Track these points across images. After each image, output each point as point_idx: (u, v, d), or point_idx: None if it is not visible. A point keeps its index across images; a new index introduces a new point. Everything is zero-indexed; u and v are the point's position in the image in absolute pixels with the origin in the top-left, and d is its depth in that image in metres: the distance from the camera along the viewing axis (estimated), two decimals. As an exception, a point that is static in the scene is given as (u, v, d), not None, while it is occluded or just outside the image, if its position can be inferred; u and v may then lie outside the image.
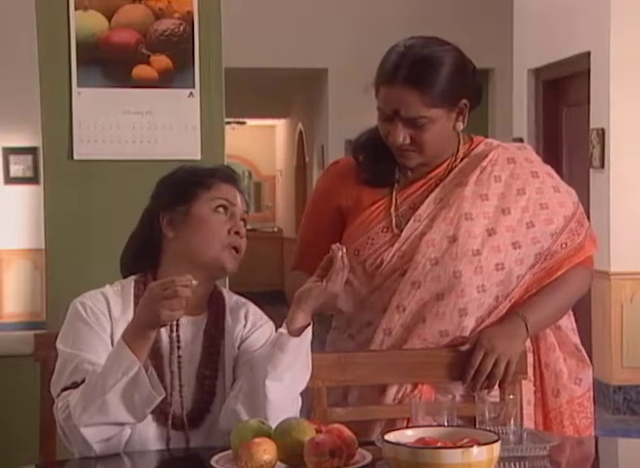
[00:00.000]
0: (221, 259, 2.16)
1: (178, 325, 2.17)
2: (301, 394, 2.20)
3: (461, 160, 2.42)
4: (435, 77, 2.28)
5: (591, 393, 2.52)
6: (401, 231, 2.37)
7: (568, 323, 2.51)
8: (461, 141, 2.43)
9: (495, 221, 2.36)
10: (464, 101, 2.35)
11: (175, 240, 2.20)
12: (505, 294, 2.37)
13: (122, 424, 2.03)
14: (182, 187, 2.22)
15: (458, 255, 2.33)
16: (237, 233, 2.19)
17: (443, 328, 2.34)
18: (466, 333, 2.35)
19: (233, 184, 2.24)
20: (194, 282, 1.98)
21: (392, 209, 2.40)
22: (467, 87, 2.36)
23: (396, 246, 2.36)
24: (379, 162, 2.42)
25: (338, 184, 2.46)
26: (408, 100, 2.28)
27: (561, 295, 2.42)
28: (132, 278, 2.23)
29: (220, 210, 2.19)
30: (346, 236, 2.41)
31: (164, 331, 2.16)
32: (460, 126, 2.38)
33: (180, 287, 1.96)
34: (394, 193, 2.41)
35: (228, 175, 2.26)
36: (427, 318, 2.34)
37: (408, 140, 2.32)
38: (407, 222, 2.37)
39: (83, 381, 2.04)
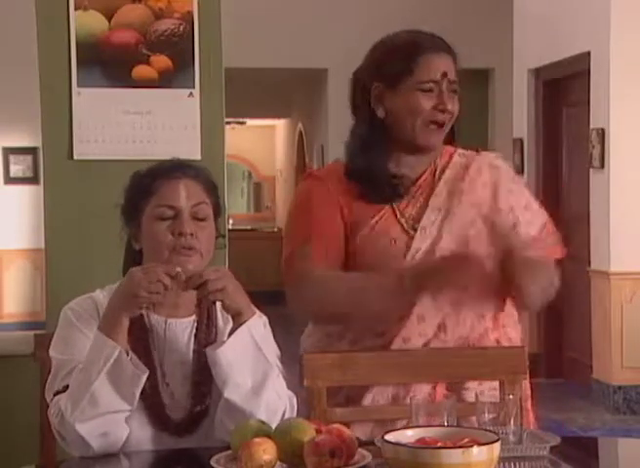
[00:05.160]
0: (172, 264, 2.10)
1: (166, 323, 2.17)
2: (298, 394, 2.20)
3: (443, 170, 2.44)
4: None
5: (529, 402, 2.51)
6: (414, 232, 2.36)
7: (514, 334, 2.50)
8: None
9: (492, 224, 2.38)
10: None
11: (143, 250, 2.21)
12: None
13: (116, 413, 2.03)
14: (130, 202, 2.22)
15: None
16: (180, 234, 2.13)
17: (464, 334, 2.37)
18: (489, 337, 2.39)
19: (178, 178, 2.18)
20: (178, 269, 2.02)
21: (399, 216, 2.38)
22: None
23: (408, 258, 2.34)
24: (376, 181, 2.39)
25: (334, 191, 2.40)
26: (451, 65, 2.39)
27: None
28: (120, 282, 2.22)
29: (163, 216, 2.15)
30: (352, 251, 2.38)
31: (152, 333, 2.16)
32: None
33: (161, 273, 2.00)
34: (393, 204, 2.39)
35: (170, 172, 2.19)
36: (448, 326, 2.36)
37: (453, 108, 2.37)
38: (414, 230, 2.37)
39: None
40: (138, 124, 3.37)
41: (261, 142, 15.24)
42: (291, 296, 2.39)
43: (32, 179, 9.01)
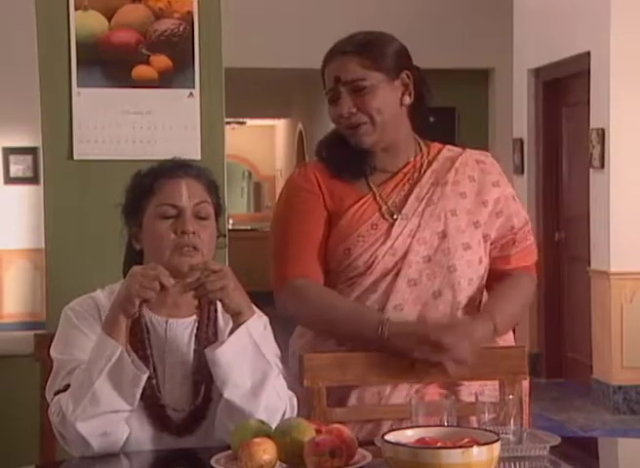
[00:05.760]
0: (173, 263, 2.11)
1: (166, 323, 2.18)
2: (298, 394, 2.20)
3: (430, 163, 2.47)
4: (374, 44, 2.39)
5: (527, 398, 2.52)
6: (394, 220, 2.38)
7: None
8: (421, 143, 2.50)
9: (478, 214, 2.43)
10: (407, 73, 2.42)
11: (143, 250, 2.21)
12: (481, 286, 2.45)
13: (116, 412, 2.03)
14: (132, 201, 2.22)
15: (450, 250, 2.38)
16: (183, 232, 2.13)
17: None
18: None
19: (180, 177, 2.18)
20: (172, 280, 2.02)
21: (380, 203, 2.41)
22: (410, 64, 2.43)
23: (388, 243, 2.37)
24: (345, 155, 2.44)
25: (318, 179, 2.45)
26: (346, 65, 2.39)
27: (519, 300, 2.48)
28: (121, 282, 2.22)
29: (166, 214, 2.15)
30: (334, 236, 2.41)
31: (152, 333, 2.17)
32: (408, 100, 2.43)
33: (161, 273, 2.01)
34: (374, 190, 2.43)
35: (172, 171, 2.20)
36: (428, 317, 2.36)
37: (353, 109, 2.37)
38: (394, 216, 2.39)
39: None
40: (138, 124, 3.37)
41: (261, 142, 15.25)
42: (278, 303, 2.44)
43: (32, 179, 9.01)
